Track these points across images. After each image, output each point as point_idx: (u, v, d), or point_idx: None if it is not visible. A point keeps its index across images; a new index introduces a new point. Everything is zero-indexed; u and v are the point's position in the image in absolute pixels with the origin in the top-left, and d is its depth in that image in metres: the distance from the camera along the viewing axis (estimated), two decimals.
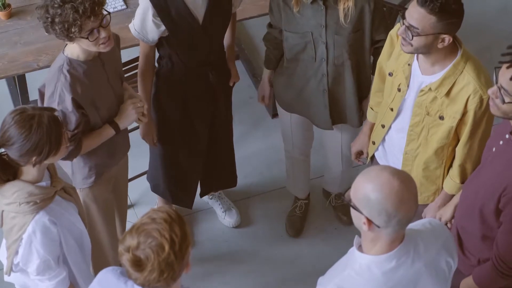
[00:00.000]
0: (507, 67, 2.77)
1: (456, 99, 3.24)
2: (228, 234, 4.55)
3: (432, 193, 3.53)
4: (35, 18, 4.36)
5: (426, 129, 3.35)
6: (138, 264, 2.40)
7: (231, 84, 4.05)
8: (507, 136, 2.96)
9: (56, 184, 3.09)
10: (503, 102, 2.80)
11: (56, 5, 3.16)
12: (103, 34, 3.24)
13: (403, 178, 2.47)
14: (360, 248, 2.60)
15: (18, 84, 4.43)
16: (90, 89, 3.37)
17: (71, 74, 3.30)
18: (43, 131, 2.88)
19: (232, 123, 4.21)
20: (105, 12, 3.25)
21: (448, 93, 3.24)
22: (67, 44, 3.34)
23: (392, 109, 3.46)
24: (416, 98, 3.32)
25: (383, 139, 3.59)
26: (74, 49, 3.32)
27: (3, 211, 3.04)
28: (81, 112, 3.34)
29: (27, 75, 4.36)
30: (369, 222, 2.49)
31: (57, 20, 3.16)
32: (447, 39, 3.16)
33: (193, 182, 4.25)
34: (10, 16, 4.39)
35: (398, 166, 3.55)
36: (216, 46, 3.80)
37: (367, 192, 2.47)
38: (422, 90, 3.28)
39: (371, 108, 3.71)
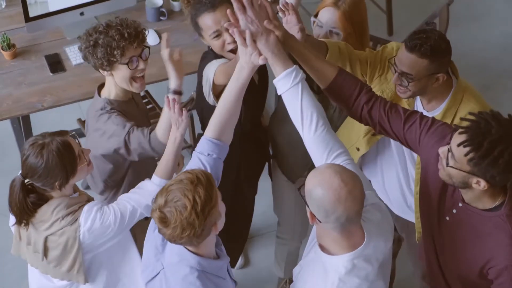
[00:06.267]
0: (459, 133, 2.76)
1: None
2: None
3: None
4: (39, 58, 4.41)
5: None
6: (163, 221, 2.61)
7: None
8: (460, 204, 2.94)
9: (83, 197, 3.18)
10: (447, 164, 2.79)
11: (100, 29, 3.27)
12: (141, 65, 3.33)
13: (345, 178, 2.59)
14: (325, 250, 2.71)
15: (22, 124, 4.44)
16: None
17: (114, 109, 3.38)
18: (55, 158, 2.98)
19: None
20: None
21: (451, 123, 3.24)
22: (101, 90, 3.42)
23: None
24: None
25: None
26: (111, 90, 3.41)
27: (46, 239, 3.10)
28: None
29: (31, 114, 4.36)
30: (312, 215, 2.64)
31: (100, 42, 3.26)
32: (442, 77, 3.17)
33: (239, 245, 4.19)
34: (15, 56, 4.41)
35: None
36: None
37: (310, 187, 2.62)
38: None
39: None
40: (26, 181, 3.07)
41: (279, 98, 3.88)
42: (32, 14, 4.32)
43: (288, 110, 2.91)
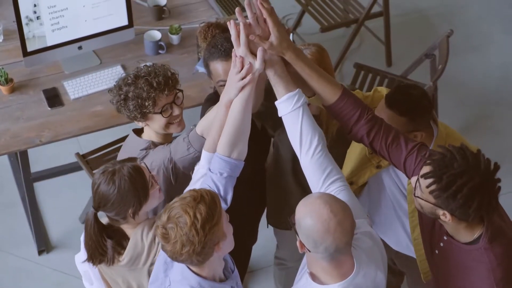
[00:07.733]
0: (425, 164, 2.76)
1: None
2: None
3: None
4: (37, 93, 4.38)
5: None
6: (165, 236, 2.64)
7: None
8: (445, 237, 2.93)
9: (153, 218, 3.14)
10: (415, 194, 2.80)
11: (129, 81, 3.21)
12: (176, 111, 3.26)
13: (335, 208, 2.58)
14: (316, 280, 2.69)
15: (20, 159, 4.39)
16: None
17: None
18: (127, 183, 2.95)
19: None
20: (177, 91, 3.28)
21: None
22: (137, 133, 3.36)
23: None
24: (407, 186, 3.31)
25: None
26: (151, 136, 3.33)
27: (149, 273, 3.05)
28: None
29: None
30: (301, 244, 2.65)
31: (130, 95, 3.20)
32: (420, 135, 3.13)
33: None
34: (13, 90, 4.38)
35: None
36: None
37: (300, 217, 2.62)
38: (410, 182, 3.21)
39: None
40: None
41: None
42: (30, 48, 4.31)
43: (287, 133, 2.90)
